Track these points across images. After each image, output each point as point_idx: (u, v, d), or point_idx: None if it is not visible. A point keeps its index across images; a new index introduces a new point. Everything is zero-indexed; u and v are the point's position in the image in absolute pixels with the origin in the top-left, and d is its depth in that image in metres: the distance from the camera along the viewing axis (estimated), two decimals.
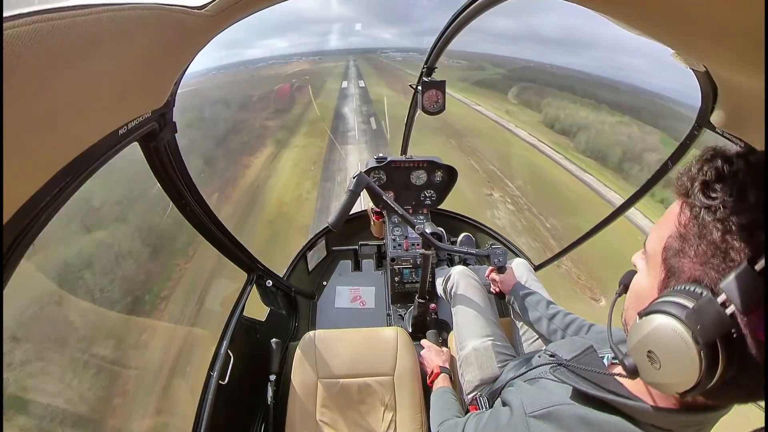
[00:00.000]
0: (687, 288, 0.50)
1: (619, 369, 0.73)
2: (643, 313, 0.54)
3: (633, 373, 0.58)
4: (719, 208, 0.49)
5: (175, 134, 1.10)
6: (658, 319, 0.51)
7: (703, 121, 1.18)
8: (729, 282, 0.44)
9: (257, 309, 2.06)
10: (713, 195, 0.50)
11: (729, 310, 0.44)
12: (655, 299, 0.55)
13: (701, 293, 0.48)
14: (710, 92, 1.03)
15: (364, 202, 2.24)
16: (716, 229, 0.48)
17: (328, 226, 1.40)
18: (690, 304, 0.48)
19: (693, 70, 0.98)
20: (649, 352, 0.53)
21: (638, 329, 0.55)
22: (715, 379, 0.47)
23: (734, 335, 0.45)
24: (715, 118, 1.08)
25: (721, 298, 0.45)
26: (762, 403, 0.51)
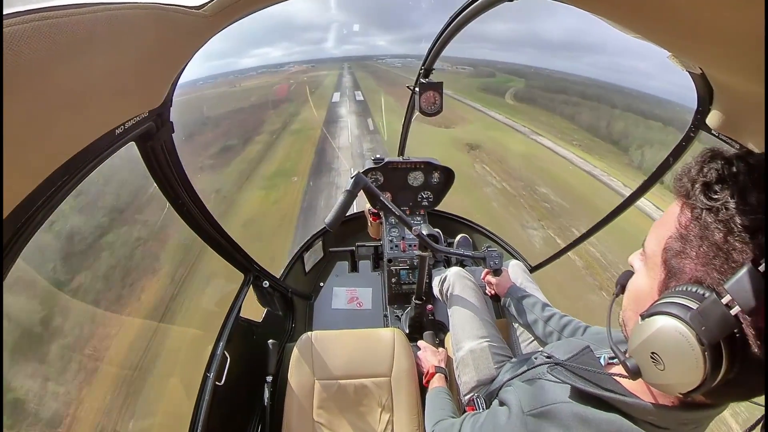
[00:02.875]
0: (689, 289, 0.50)
1: (616, 369, 0.73)
2: (646, 315, 0.54)
3: (635, 374, 0.58)
4: (721, 209, 0.48)
5: (172, 134, 1.10)
6: (662, 321, 0.51)
7: (699, 123, 1.20)
8: (734, 283, 0.44)
9: (254, 310, 2.05)
10: (714, 196, 0.50)
11: (733, 311, 0.44)
12: (657, 300, 0.55)
13: (704, 294, 0.48)
14: (706, 95, 1.05)
15: (361, 203, 2.24)
16: (718, 231, 0.48)
17: (325, 227, 1.39)
18: (693, 306, 0.48)
19: (689, 72, 0.99)
20: (652, 353, 0.53)
21: (641, 331, 0.55)
22: (718, 379, 0.47)
23: (737, 335, 0.46)
24: (711, 120, 1.09)
25: (725, 299, 0.45)
26: (757, 399, 0.52)
